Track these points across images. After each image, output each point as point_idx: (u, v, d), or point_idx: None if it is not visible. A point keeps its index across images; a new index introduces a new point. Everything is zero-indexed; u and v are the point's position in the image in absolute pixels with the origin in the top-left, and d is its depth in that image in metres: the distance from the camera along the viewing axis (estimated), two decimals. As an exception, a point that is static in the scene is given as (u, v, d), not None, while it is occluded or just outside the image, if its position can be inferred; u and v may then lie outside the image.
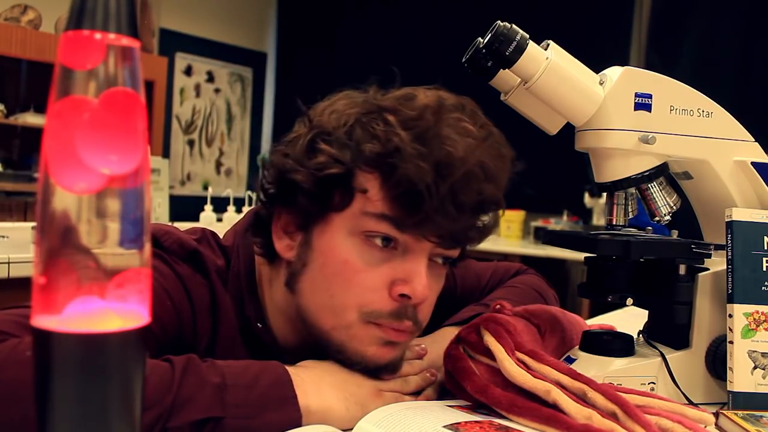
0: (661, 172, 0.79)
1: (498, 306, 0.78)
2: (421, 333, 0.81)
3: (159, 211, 2.82)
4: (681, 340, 0.78)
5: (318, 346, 0.71)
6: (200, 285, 0.74)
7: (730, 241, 0.75)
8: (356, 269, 0.67)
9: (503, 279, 1.00)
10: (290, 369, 0.64)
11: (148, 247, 0.34)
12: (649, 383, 0.76)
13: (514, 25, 0.74)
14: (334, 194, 0.67)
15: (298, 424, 0.60)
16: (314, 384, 0.64)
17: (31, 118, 3.77)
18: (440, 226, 0.65)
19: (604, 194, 0.82)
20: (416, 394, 0.72)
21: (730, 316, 0.74)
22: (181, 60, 5.09)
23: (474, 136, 0.67)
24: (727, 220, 0.76)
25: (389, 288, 0.67)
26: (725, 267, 0.75)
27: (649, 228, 0.83)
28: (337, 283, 0.68)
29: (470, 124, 0.68)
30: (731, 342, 0.73)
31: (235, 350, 0.75)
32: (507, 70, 0.75)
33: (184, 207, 3.21)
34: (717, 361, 0.76)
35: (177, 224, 0.84)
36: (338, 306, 0.68)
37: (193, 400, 0.56)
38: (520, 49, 0.73)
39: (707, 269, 0.78)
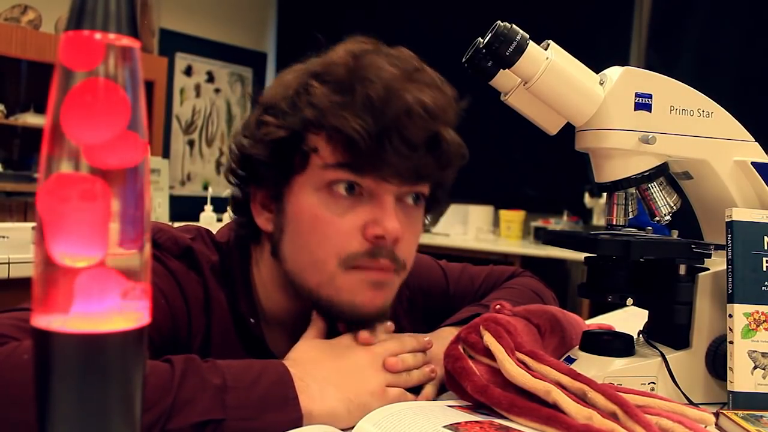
0: (661, 172, 0.79)
1: (498, 306, 0.78)
2: (413, 309, 0.80)
3: (159, 211, 2.82)
4: (681, 340, 0.78)
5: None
6: (194, 282, 0.75)
7: (730, 241, 0.75)
8: (327, 220, 0.70)
9: (498, 282, 1.00)
10: (294, 370, 0.63)
11: (148, 248, 0.34)
12: (649, 383, 0.76)
13: (514, 26, 0.74)
14: (290, 159, 0.72)
15: (299, 425, 0.60)
16: (318, 388, 0.64)
17: (31, 118, 3.77)
18: (396, 166, 0.69)
19: (604, 194, 0.82)
20: (416, 392, 0.72)
21: (730, 316, 0.74)
22: (181, 60, 5.09)
23: (402, 77, 0.69)
24: (727, 220, 0.76)
25: (362, 232, 0.70)
26: (725, 267, 0.75)
27: (649, 228, 0.83)
28: (313, 238, 0.71)
29: (394, 65, 0.71)
30: (731, 342, 0.73)
31: (229, 346, 0.76)
32: (507, 70, 0.75)
33: (184, 207, 3.21)
34: (717, 361, 0.76)
35: (176, 224, 0.84)
36: (318, 260, 0.71)
37: (194, 402, 0.55)
38: (520, 49, 0.73)
39: (707, 269, 0.78)
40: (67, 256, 0.32)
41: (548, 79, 0.74)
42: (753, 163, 0.80)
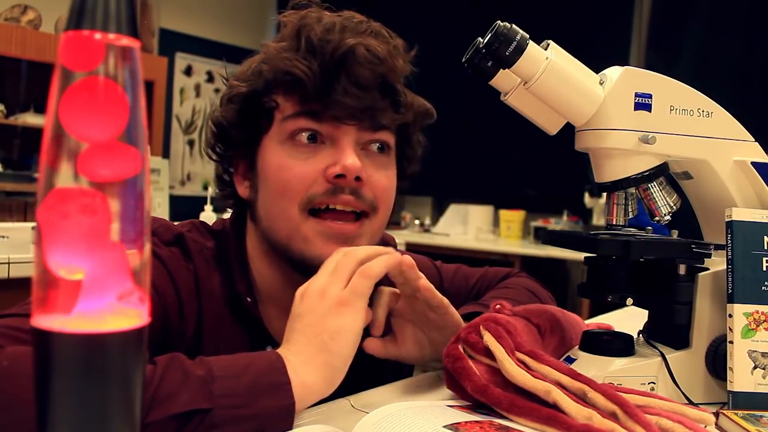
0: (661, 172, 0.79)
1: (498, 306, 0.78)
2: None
3: (159, 211, 2.82)
4: (681, 340, 0.78)
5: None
6: (184, 269, 0.76)
7: (730, 241, 0.75)
8: (290, 166, 0.74)
9: (492, 282, 1.00)
10: (281, 352, 0.62)
11: (148, 248, 0.34)
12: (649, 383, 0.76)
13: (514, 26, 0.74)
14: (256, 119, 0.76)
15: (292, 410, 0.59)
16: (296, 353, 0.62)
17: (31, 118, 3.77)
18: (349, 107, 0.72)
19: (604, 194, 0.82)
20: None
21: (730, 316, 0.74)
22: (181, 60, 5.09)
23: (343, 24, 0.74)
24: (727, 220, 0.76)
25: (323, 174, 0.73)
26: (725, 267, 0.75)
27: (649, 228, 0.83)
28: (278, 188, 0.74)
29: (338, 17, 0.76)
30: (731, 342, 0.73)
31: (226, 330, 0.77)
32: (507, 70, 0.75)
33: (184, 207, 3.20)
34: (717, 361, 0.76)
35: (175, 223, 0.85)
36: (283, 207, 0.74)
37: (175, 395, 0.54)
38: (520, 49, 0.73)
39: (707, 269, 0.78)
40: (65, 268, 0.32)
41: (548, 79, 0.74)
42: (753, 163, 0.80)
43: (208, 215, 2.69)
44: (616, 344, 0.78)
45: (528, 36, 0.74)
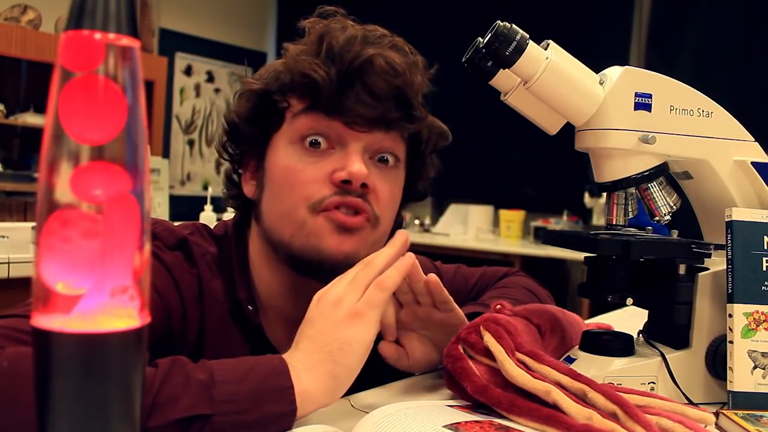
0: (661, 171, 0.79)
1: (498, 306, 0.78)
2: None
3: (159, 211, 2.82)
4: (681, 340, 0.78)
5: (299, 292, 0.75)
6: (188, 274, 0.76)
7: (730, 241, 0.75)
8: (297, 170, 0.74)
9: (491, 281, 1.00)
10: (286, 358, 0.62)
11: (148, 248, 0.34)
12: (649, 383, 0.76)
13: (514, 25, 0.74)
14: (268, 116, 0.77)
15: (294, 415, 0.59)
16: (301, 360, 0.62)
17: (31, 118, 3.78)
18: (362, 114, 0.73)
19: (604, 194, 0.82)
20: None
21: (730, 315, 0.74)
22: (181, 60, 5.09)
23: (365, 35, 0.75)
24: (727, 220, 0.76)
25: (330, 178, 0.73)
26: (725, 267, 0.75)
27: (649, 228, 0.83)
28: (284, 189, 0.74)
29: (361, 28, 0.76)
30: (731, 342, 0.73)
31: (226, 337, 0.76)
32: (507, 70, 0.75)
33: (184, 207, 3.21)
34: (717, 361, 0.76)
35: (176, 224, 0.84)
36: (289, 208, 0.74)
37: (176, 399, 0.54)
38: (520, 49, 0.73)
39: (707, 269, 0.78)
40: (64, 283, 0.32)
41: (548, 78, 0.74)
42: (753, 163, 0.80)
43: (207, 215, 2.68)
44: (616, 344, 0.78)
45: (528, 36, 0.74)
